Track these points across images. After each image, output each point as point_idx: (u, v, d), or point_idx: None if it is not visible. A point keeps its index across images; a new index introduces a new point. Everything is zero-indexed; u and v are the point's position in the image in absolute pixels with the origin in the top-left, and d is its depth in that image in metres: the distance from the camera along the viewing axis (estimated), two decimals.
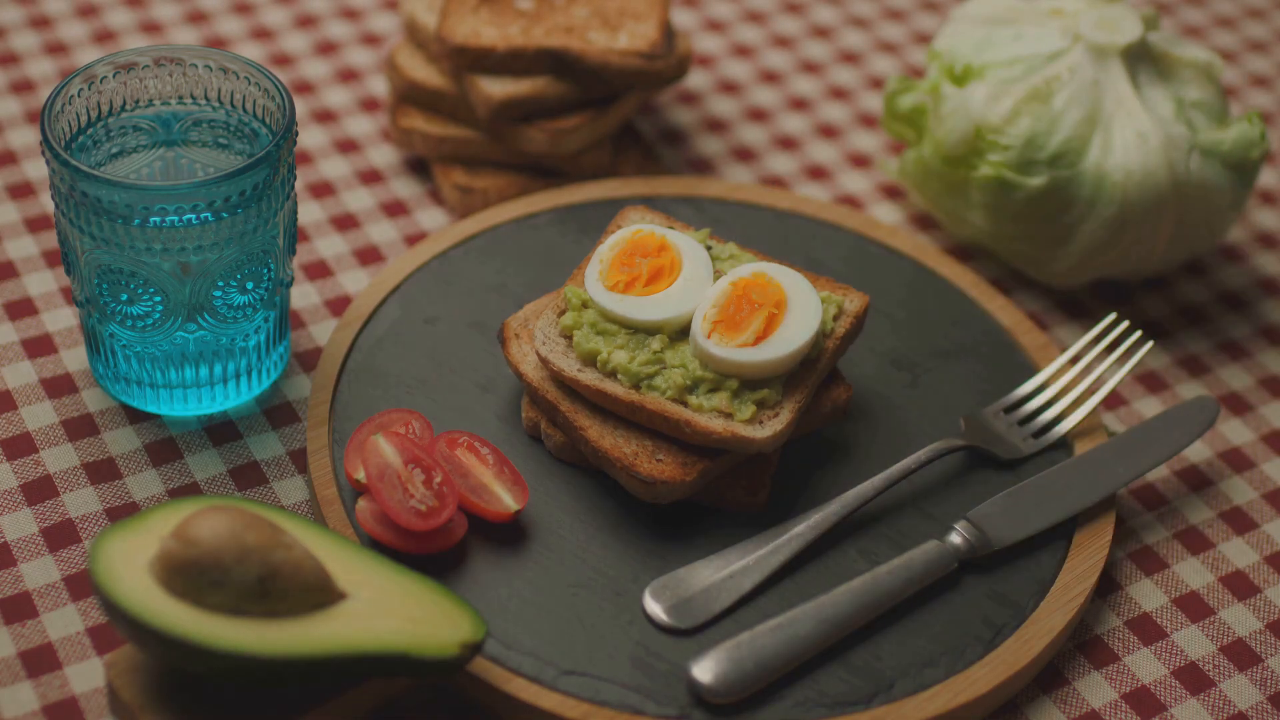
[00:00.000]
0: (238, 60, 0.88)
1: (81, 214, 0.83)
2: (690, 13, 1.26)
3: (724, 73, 1.21)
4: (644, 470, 0.84)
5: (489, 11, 1.05)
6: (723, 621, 0.83)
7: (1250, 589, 0.90)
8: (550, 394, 0.87)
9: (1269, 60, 1.27)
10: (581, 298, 0.88)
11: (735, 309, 0.86)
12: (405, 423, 0.87)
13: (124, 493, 0.88)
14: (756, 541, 0.85)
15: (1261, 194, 1.15)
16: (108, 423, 0.91)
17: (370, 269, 1.03)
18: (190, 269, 0.84)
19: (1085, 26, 1.01)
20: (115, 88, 0.88)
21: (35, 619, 0.83)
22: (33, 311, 0.97)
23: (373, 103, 1.15)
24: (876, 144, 1.16)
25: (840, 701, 0.80)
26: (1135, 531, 0.92)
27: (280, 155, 0.84)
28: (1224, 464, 0.96)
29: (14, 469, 0.89)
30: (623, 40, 1.04)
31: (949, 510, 0.88)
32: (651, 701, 0.79)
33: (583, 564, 0.85)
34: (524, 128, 1.04)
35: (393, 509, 0.81)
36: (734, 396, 0.85)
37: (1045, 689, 0.84)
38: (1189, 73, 1.02)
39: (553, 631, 0.82)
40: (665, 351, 0.86)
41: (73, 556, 0.85)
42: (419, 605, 0.76)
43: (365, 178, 1.09)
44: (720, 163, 1.13)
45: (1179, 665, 0.86)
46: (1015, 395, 0.93)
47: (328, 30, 1.20)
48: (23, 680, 0.80)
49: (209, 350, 0.89)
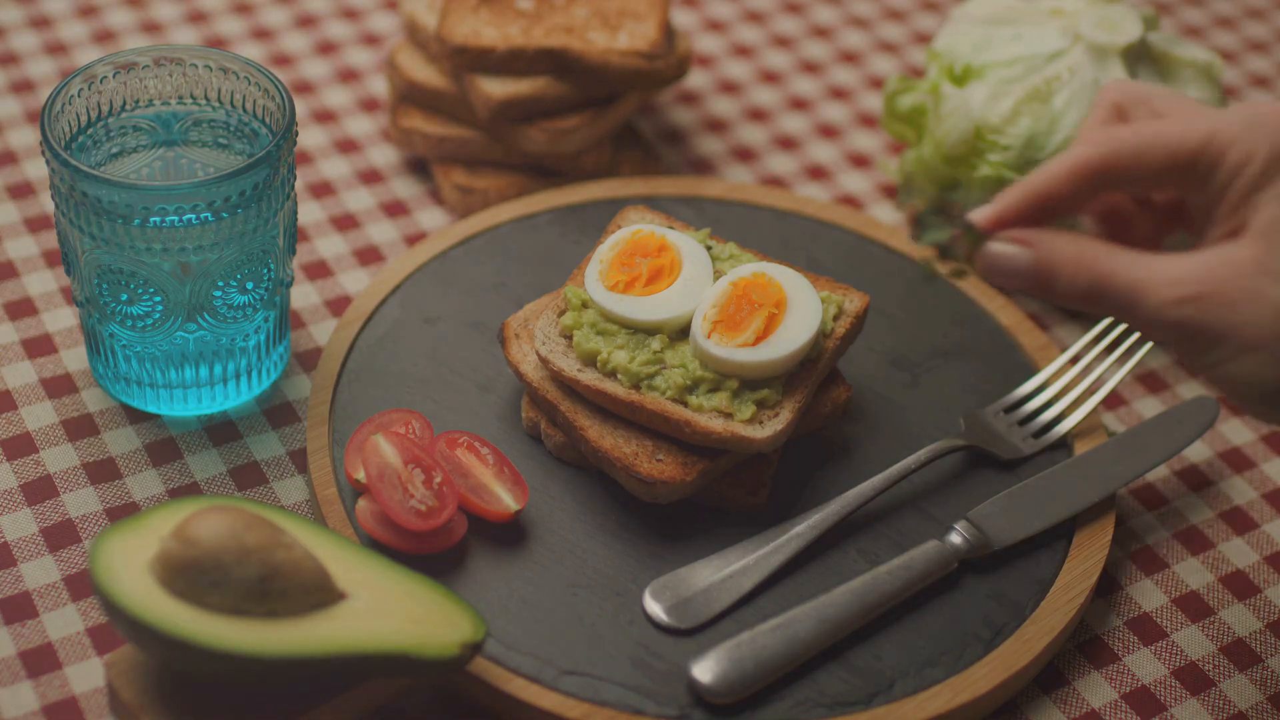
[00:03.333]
0: (238, 60, 0.88)
1: (81, 214, 0.83)
2: (690, 13, 1.26)
3: (724, 73, 1.21)
4: (644, 470, 0.84)
5: (489, 11, 1.05)
6: (723, 621, 0.83)
7: (1250, 589, 0.90)
8: (550, 394, 0.87)
9: (1269, 60, 1.27)
10: (581, 298, 0.88)
11: (735, 309, 0.86)
12: (405, 423, 0.87)
13: (124, 493, 0.88)
14: (756, 541, 0.85)
15: None
16: (108, 423, 0.91)
17: (370, 269, 1.03)
18: (190, 269, 0.84)
19: (1085, 26, 1.01)
20: (115, 88, 0.88)
21: (35, 619, 0.83)
22: (33, 311, 0.97)
23: (373, 103, 1.15)
24: (876, 144, 1.16)
25: (840, 701, 0.80)
26: (1135, 531, 0.92)
27: (280, 155, 0.84)
28: (1224, 464, 0.96)
29: (14, 469, 0.89)
30: (623, 40, 1.04)
31: (949, 510, 0.88)
32: (651, 701, 0.79)
33: (583, 564, 0.85)
34: (524, 128, 1.04)
35: (393, 509, 0.81)
36: (734, 396, 0.85)
37: (1045, 689, 0.84)
38: (1189, 73, 1.02)
39: (553, 631, 0.82)
40: (665, 351, 0.86)
41: (73, 556, 0.85)
42: (419, 605, 0.76)
43: (365, 178, 1.09)
44: (720, 163, 1.13)
45: (1179, 665, 0.86)
46: (1015, 395, 0.93)
47: (328, 30, 1.20)
48: (23, 680, 0.80)
49: (209, 350, 0.89)
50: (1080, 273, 0.71)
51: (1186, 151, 0.71)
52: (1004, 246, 0.72)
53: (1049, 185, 0.72)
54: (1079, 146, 0.73)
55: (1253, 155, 0.70)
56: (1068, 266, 0.71)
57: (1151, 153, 0.72)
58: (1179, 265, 0.70)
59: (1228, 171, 0.71)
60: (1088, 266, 0.71)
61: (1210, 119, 0.71)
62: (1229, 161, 0.71)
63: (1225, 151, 0.71)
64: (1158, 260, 0.70)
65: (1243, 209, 0.70)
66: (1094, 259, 0.71)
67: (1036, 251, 0.72)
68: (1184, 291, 0.69)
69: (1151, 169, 0.72)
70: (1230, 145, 0.70)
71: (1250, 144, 0.70)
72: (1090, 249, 0.71)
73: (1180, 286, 0.69)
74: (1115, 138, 0.72)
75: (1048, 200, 0.73)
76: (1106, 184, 0.73)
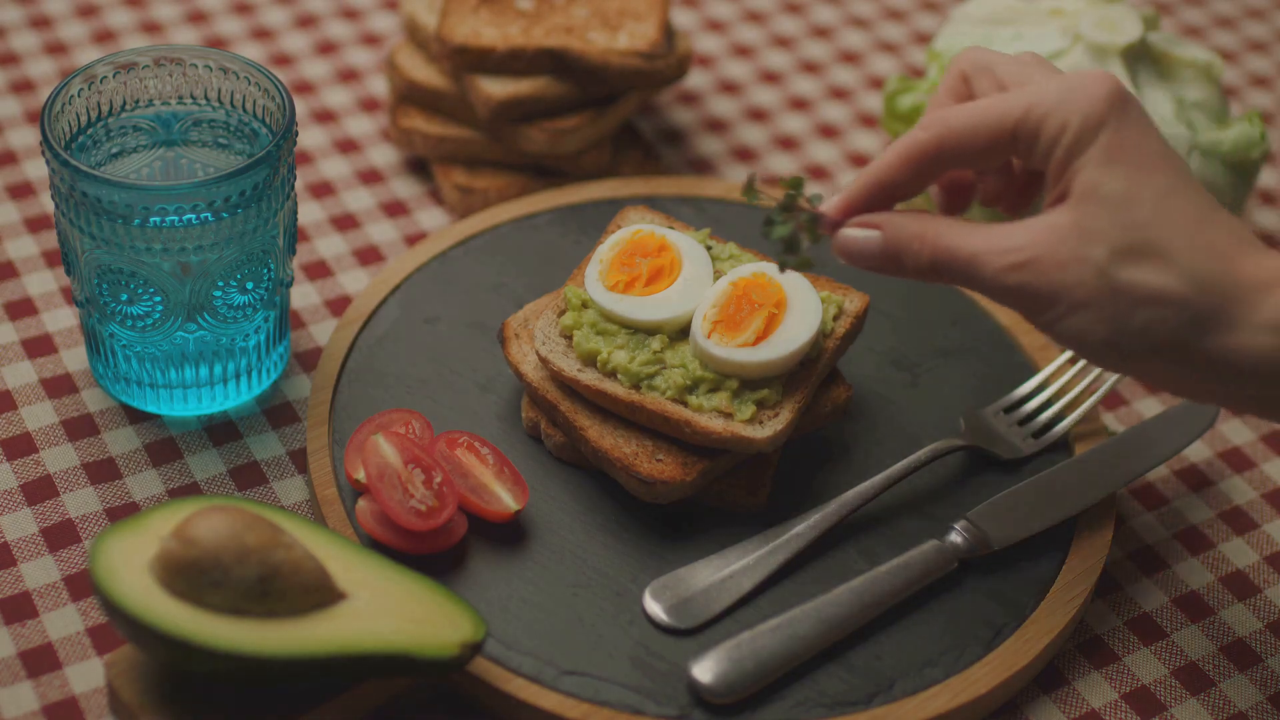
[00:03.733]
0: (238, 60, 0.88)
1: (81, 214, 0.83)
2: (690, 13, 1.26)
3: (724, 73, 1.21)
4: (644, 470, 0.84)
5: (489, 11, 1.05)
6: (723, 621, 0.83)
7: (1250, 589, 0.90)
8: (550, 394, 0.87)
9: (1269, 60, 1.27)
10: (581, 298, 0.88)
11: (735, 309, 0.86)
12: (405, 423, 0.87)
13: (124, 493, 0.88)
14: (756, 541, 0.85)
15: (1261, 194, 1.15)
16: (108, 423, 0.91)
17: (370, 269, 1.03)
18: (190, 269, 0.84)
19: (1085, 26, 1.01)
20: (115, 88, 0.88)
21: (35, 619, 0.83)
22: (33, 311, 0.97)
23: (373, 103, 1.15)
24: (876, 144, 1.16)
25: (840, 701, 0.80)
26: (1135, 531, 0.92)
27: (280, 155, 0.84)
28: (1224, 464, 0.96)
29: (14, 469, 0.89)
30: (623, 40, 1.04)
31: (949, 510, 0.88)
32: (651, 701, 0.79)
33: (583, 564, 0.85)
34: (524, 128, 1.04)
35: (393, 509, 0.81)
36: (734, 396, 0.85)
37: (1045, 689, 0.84)
38: (1189, 73, 1.02)
39: (553, 631, 0.82)
40: (665, 351, 0.86)
41: (73, 556, 0.85)
42: (419, 605, 0.76)
43: (365, 178, 1.09)
44: (720, 163, 1.13)
45: (1179, 665, 0.86)
46: (1015, 395, 0.93)
47: (328, 30, 1.20)
48: (23, 680, 0.80)
49: (209, 350, 0.89)
50: (924, 249, 0.75)
51: (1007, 128, 0.75)
52: (856, 231, 0.77)
53: (887, 172, 0.77)
54: (914, 131, 0.76)
55: (1067, 124, 0.73)
56: (912, 244, 0.76)
57: (976, 132, 0.75)
58: (1010, 234, 0.74)
59: (1046, 142, 0.74)
60: (930, 243, 0.75)
61: (1030, 94, 0.74)
62: (1046, 133, 0.74)
63: (1042, 123, 0.74)
64: (993, 231, 0.74)
65: (1065, 176, 0.74)
66: (935, 235, 0.75)
67: (885, 233, 0.76)
68: (1015, 259, 0.73)
69: (978, 147, 0.76)
70: (1046, 117, 0.74)
71: (1064, 114, 0.73)
72: (932, 226, 0.75)
73: (1011, 254, 0.73)
74: (942, 121, 0.76)
75: (888, 186, 0.77)
76: (942, 165, 0.76)
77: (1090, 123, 0.73)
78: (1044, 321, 0.74)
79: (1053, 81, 0.75)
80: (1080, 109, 0.73)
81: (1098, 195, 0.72)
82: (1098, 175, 0.72)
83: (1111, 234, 0.72)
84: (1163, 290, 0.71)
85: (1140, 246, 0.71)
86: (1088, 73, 0.74)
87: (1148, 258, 0.71)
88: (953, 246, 0.75)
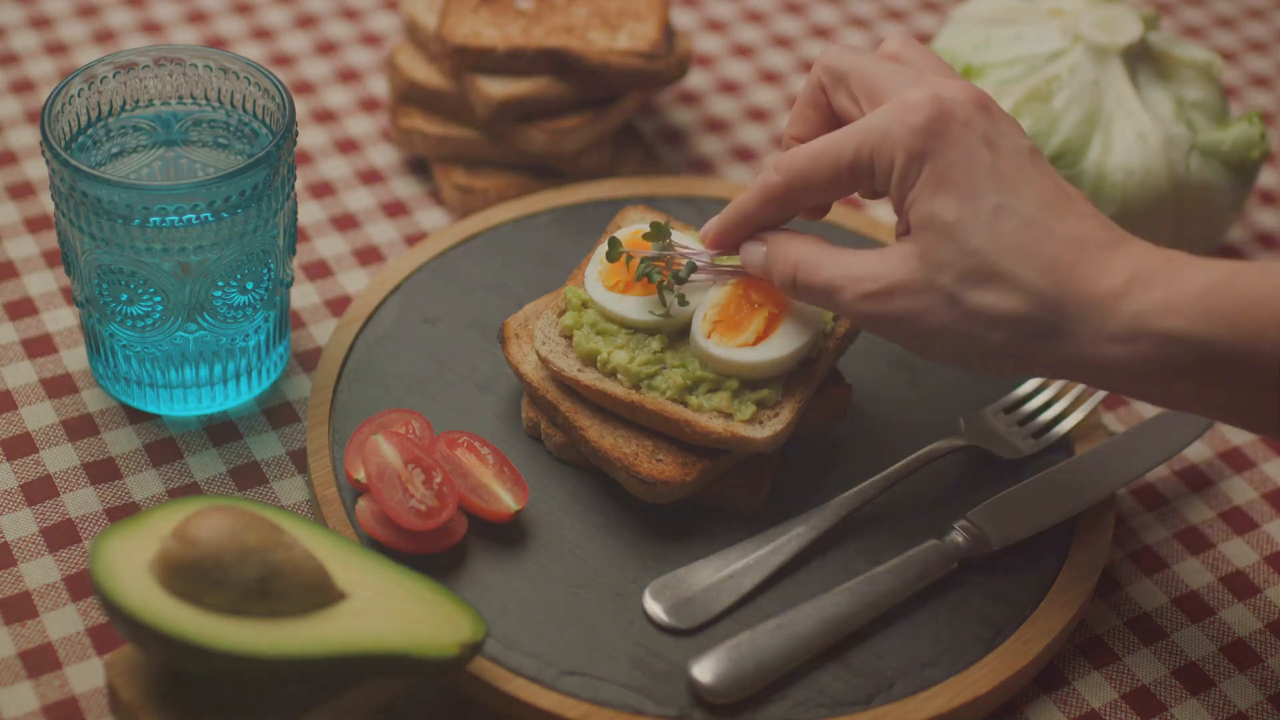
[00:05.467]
0: (238, 60, 0.88)
1: (81, 214, 0.83)
2: (690, 13, 1.26)
3: (724, 73, 1.21)
4: (644, 470, 0.84)
5: (489, 11, 1.05)
6: (723, 621, 0.83)
7: (1250, 589, 0.90)
8: (550, 394, 0.87)
9: (1269, 60, 1.27)
10: (581, 298, 0.88)
11: (735, 309, 0.86)
12: (405, 423, 0.87)
13: (124, 493, 0.88)
14: (756, 541, 0.85)
15: (1261, 194, 1.15)
16: (108, 423, 0.91)
17: (370, 269, 1.03)
18: (190, 269, 0.84)
19: (1085, 26, 1.01)
20: (115, 88, 0.88)
21: (35, 619, 0.83)
22: (33, 311, 0.97)
23: (373, 103, 1.15)
24: None
25: (840, 701, 0.80)
26: (1135, 531, 0.92)
27: (280, 155, 0.84)
28: (1224, 464, 0.96)
29: (14, 469, 0.89)
30: (623, 40, 1.04)
31: (949, 510, 0.88)
32: (651, 701, 0.79)
33: (583, 564, 0.85)
34: (524, 128, 1.04)
35: (393, 509, 0.81)
36: (734, 396, 0.85)
37: (1045, 689, 0.84)
38: (1189, 73, 1.02)
39: (553, 631, 0.82)
40: (665, 351, 0.86)
41: (73, 556, 0.85)
42: (419, 605, 0.76)
43: (365, 178, 1.09)
44: (720, 163, 1.13)
45: (1179, 665, 0.86)
46: (1015, 395, 0.93)
47: (328, 30, 1.20)
48: (23, 680, 0.80)
49: (209, 350, 0.89)
50: (788, 271, 0.80)
51: (844, 167, 0.78)
52: (751, 245, 0.82)
53: (748, 209, 0.81)
54: (767, 172, 0.80)
55: (893, 160, 0.76)
56: (784, 266, 0.80)
57: (818, 173, 0.78)
58: (868, 264, 0.77)
59: (881, 178, 0.77)
60: (792, 266, 0.79)
61: (858, 131, 0.77)
62: (879, 169, 0.76)
63: (873, 160, 0.76)
64: (854, 260, 0.77)
65: (904, 208, 0.76)
66: (798, 260, 0.79)
67: (767, 250, 0.81)
68: (870, 288, 0.76)
69: (824, 184, 0.79)
70: (874, 154, 0.76)
71: (888, 150, 0.76)
72: (801, 250, 0.79)
73: (866, 283, 0.76)
74: (787, 165, 0.79)
75: (754, 220, 0.82)
76: (797, 203, 0.80)
77: (913, 155, 0.75)
78: (913, 349, 0.77)
79: (878, 115, 0.76)
80: (902, 144, 0.75)
81: (934, 226, 0.74)
82: (930, 206, 0.74)
83: (956, 261, 0.74)
84: (1006, 311, 0.73)
85: (981, 270, 0.73)
86: (911, 97, 0.76)
87: (990, 280, 0.73)
88: (813, 274, 0.78)
